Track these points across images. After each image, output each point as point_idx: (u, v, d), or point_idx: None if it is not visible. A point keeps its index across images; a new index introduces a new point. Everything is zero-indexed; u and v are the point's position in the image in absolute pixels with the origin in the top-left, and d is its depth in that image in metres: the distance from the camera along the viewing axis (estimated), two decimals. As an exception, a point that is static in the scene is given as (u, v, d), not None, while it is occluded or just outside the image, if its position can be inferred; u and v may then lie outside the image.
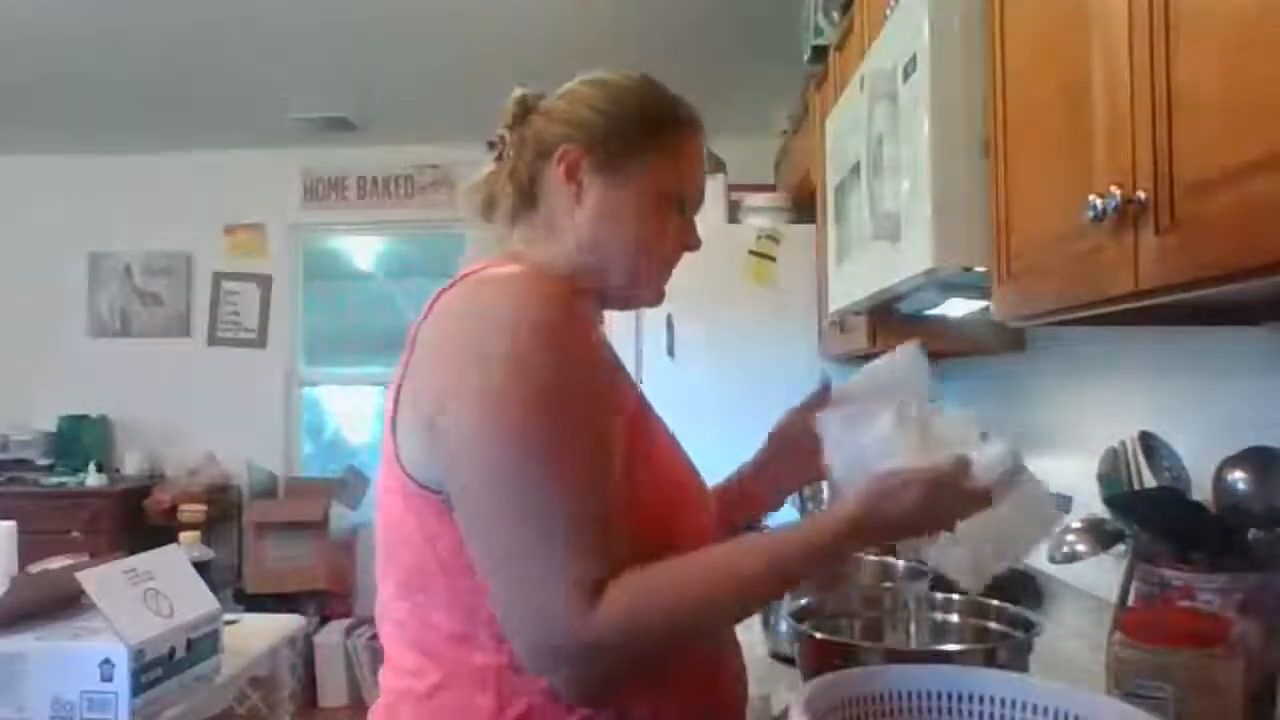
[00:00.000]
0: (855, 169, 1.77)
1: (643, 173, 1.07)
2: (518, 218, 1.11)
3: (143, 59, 3.88)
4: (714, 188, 3.06)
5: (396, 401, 0.96)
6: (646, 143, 1.08)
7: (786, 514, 1.39)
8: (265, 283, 5.19)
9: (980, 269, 1.35)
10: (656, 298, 1.15)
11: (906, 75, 1.45)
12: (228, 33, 3.62)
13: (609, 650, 0.86)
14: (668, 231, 1.10)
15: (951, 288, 1.58)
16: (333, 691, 4.43)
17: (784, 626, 1.56)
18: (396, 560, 0.98)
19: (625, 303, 1.16)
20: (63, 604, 1.64)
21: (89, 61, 3.90)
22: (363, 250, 5.40)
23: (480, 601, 0.90)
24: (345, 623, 4.56)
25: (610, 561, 0.87)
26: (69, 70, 3.99)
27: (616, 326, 2.90)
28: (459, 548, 0.91)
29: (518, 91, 1.13)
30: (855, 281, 1.89)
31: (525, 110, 1.11)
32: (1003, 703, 0.88)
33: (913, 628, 1.39)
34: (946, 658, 1.20)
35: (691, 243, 1.14)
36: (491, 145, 1.14)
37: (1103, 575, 1.34)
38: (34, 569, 1.90)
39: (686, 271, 1.14)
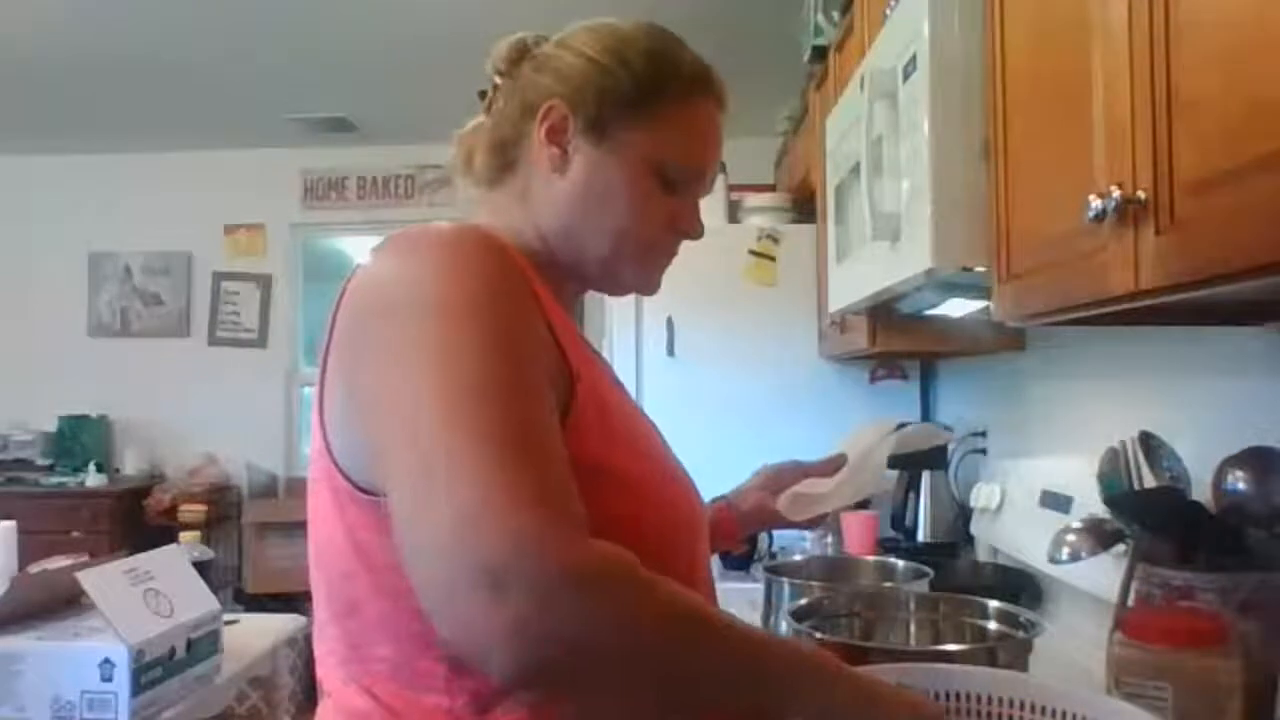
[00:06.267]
0: (855, 169, 1.77)
1: (637, 140, 0.91)
2: (494, 181, 0.97)
3: (143, 59, 3.89)
4: (714, 188, 3.06)
5: (323, 384, 0.82)
6: (646, 104, 0.91)
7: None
8: (265, 283, 5.19)
9: (980, 269, 1.35)
10: (643, 285, 0.99)
11: (906, 75, 1.45)
12: (228, 33, 3.62)
13: (585, 594, 0.63)
14: (657, 212, 0.93)
15: (951, 288, 1.58)
16: (333, 691, 4.43)
17: (784, 626, 1.56)
18: (324, 571, 0.83)
19: (609, 288, 1.00)
20: (63, 604, 1.64)
21: (89, 62, 3.90)
22: (363, 250, 5.39)
23: (429, 629, 0.67)
24: (345, 623, 4.56)
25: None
26: (69, 70, 3.99)
27: (616, 326, 2.90)
28: (399, 568, 0.68)
29: (518, 35, 0.98)
30: (855, 281, 1.89)
31: (520, 55, 0.96)
32: (1003, 703, 0.88)
33: (913, 628, 1.38)
34: (946, 658, 1.20)
35: (689, 228, 0.97)
36: (482, 95, 0.99)
37: (1103, 575, 1.33)
38: (34, 569, 1.90)
39: (687, 271, 1.10)
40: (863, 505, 2.16)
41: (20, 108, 4.46)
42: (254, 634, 2.01)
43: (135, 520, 4.60)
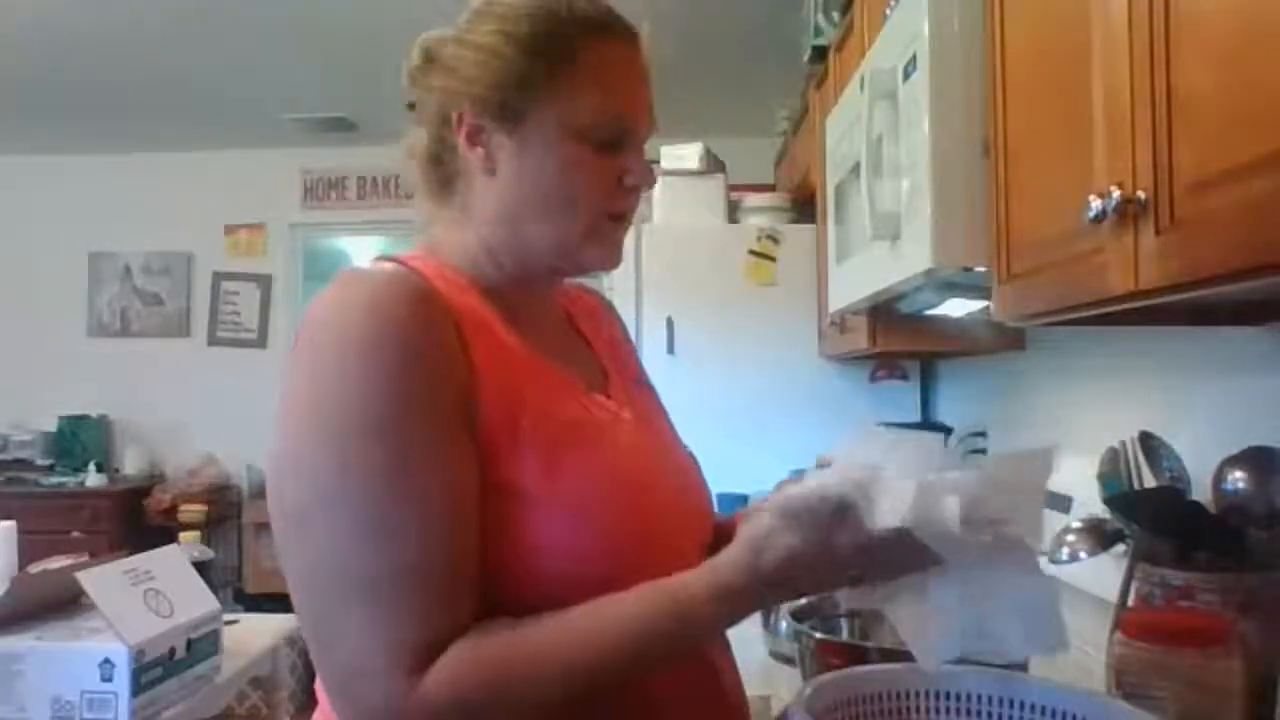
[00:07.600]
0: (855, 169, 1.77)
1: (550, 112, 0.86)
2: (440, 197, 0.95)
3: (143, 59, 3.89)
4: (714, 188, 3.07)
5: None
6: (544, 71, 0.86)
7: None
8: (265, 283, 5.19)
9: (980, 269, 1.35)
10: (604, 259, 0.92)
11: (906, 75, 1.45)
12: (228, 33, 3.62)
13: None
14: (597, 177, 0.88)
15: (951, 288, 1.58)
16: (333, 691, 4.42)
17: (784, 626, 1.56)
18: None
19: (572, 271, 0.96)
20: (63, 604, 1.64)
21: (89, 61, 3.90)
22: (363, 250, 5.40)
23: None
24: (345, 623, 4.56)
25: (447, 620, 0.75)
26: (69, 70, 4.00)
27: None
28: None
29: (424, 36, 0.93)
30: (855, 281, 1.89)
31: (428, 61, 0.92)
32: (1003, 702, 0.88)
33: (913, 628, 1.38)
34: (946, 658, 1.19)
35: (638, 181, 0.90)
36: (411, 107, 0.96)
37: (1103, 575, 1.33)
38: (34, 569, 1.90)
39: (687, 271, 1.09)
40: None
41: (21, 107, 4.46)
42: (254, 634, 2.01)
43: (135, 520, 4.61)
